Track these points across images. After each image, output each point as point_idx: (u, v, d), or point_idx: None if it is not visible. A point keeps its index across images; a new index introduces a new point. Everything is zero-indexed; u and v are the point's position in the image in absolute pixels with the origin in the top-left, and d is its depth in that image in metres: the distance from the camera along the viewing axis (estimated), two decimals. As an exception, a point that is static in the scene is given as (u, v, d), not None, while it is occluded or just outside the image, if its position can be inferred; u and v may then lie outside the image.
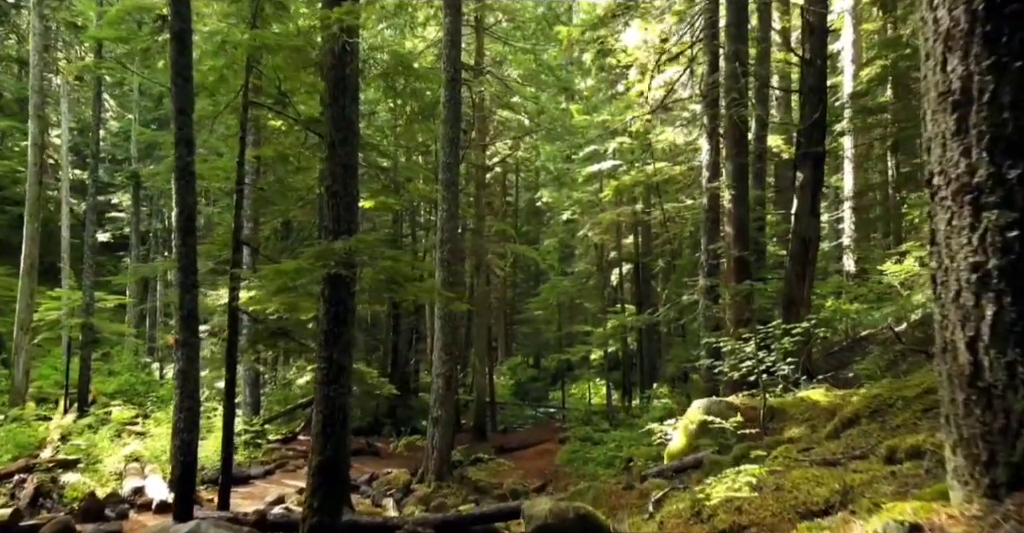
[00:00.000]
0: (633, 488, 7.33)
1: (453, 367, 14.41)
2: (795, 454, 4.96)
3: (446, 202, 14.33)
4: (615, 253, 26.90)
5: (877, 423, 5.18)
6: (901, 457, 3.38)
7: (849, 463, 3.94)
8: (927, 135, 2.59)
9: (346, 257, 6.42)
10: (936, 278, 2.57)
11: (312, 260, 6.36)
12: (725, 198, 12.58)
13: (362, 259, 6.46)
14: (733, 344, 8.61)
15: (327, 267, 6.41)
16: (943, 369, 2.55)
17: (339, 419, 6.67)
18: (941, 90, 2.45)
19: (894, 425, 4.90)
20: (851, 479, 3.27)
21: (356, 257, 6.40)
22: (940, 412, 2.71)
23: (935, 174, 2.54)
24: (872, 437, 4.77)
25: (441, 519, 8.13)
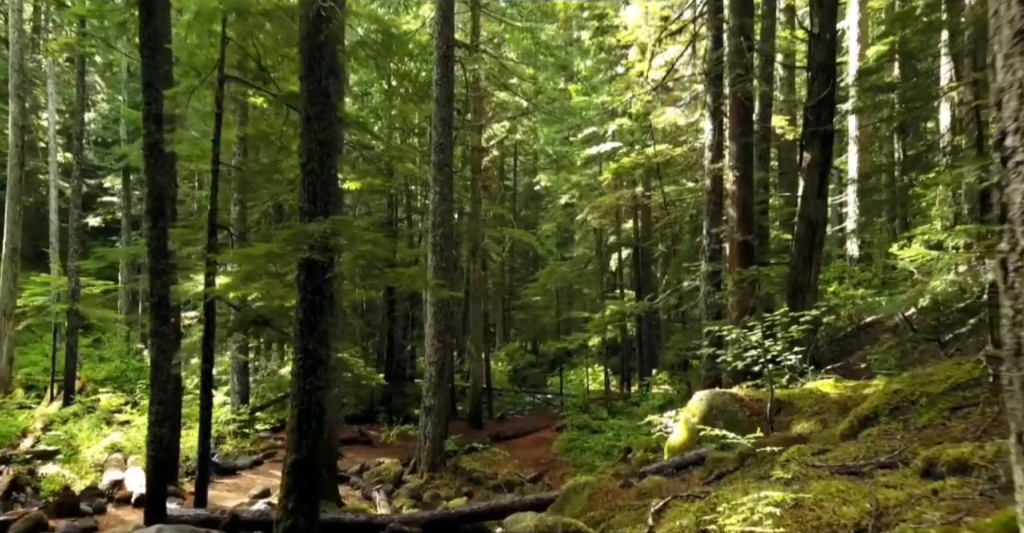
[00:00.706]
0: (631, 486, 6.89)
1: (446, 355, 13.97)
2: (809, 457, 4.49)
3: (439, 184, 13.82)
4: (614, 238, 26.39)
5: (899, 422, 4.71)
6: (942, 471, 2.92)
7: (876, 473, 3.48)
8: (996, 86, 2.08)
9: (321, 240, 5.93)
10: (1008, 264, 2.07)
11: (284, 244, 5.87)
12: (728, 179, 12.06)
13: (340, 243, 5.96)
14: (737, 332, 8.13)
15: (301, 251, 5.92)
16: (1015, 376, 2.05)
17: (316, 414, 6.21)
18: (1018, 27, 1.95)
19: (919, 425, 4.44)
20: (884, 497, 2.81)
21: (332, 240, 5.91)
22: (1005, 422, 2.22)
23: (1008, 133, 2.04)
24: (896, 439, 4.31)
25: (428, 517, 7.71)
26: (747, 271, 7.33)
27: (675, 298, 15.51)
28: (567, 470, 15.47)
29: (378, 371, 26.43)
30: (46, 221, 24.88)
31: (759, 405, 7.86)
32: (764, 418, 7.62)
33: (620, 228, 25.93)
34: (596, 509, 6.45)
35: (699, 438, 7.97)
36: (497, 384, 28.61)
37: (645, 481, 6.93)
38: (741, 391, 8.21)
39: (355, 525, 7.58)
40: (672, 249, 22.58)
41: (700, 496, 4.16)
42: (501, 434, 18.97)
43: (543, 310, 30.07)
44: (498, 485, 13.68)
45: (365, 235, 6.30)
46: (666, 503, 4.19)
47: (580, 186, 25.12)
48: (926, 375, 5.13)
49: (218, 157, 8.55)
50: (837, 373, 8.95)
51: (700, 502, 3.92)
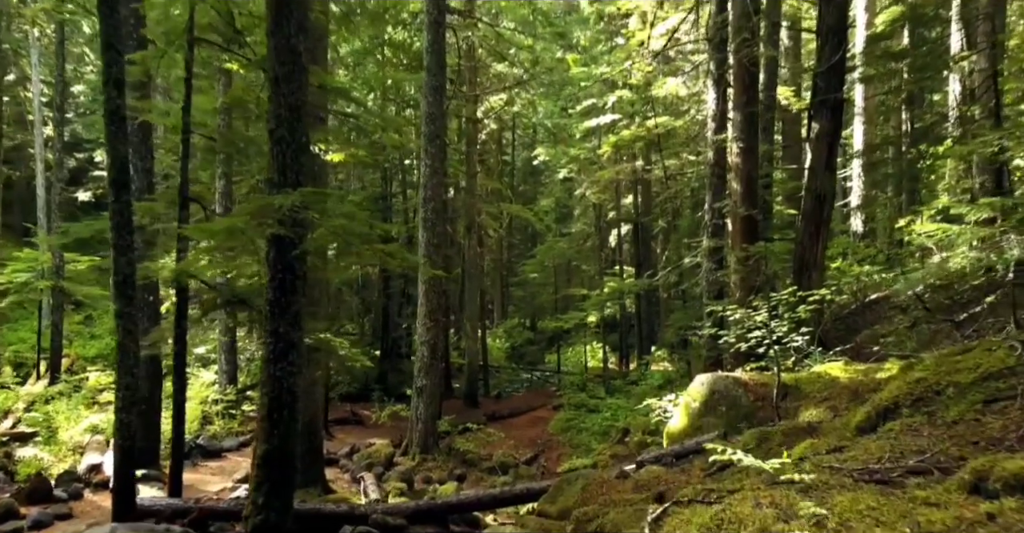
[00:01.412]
0: (627, 477, 6.47)
1: (438, 334, 13.53)
2: (825, 455, 4.02)
3: (430, 156, 13.26)
4: (614, 213, 25.84)
5: (923, 415, 4.25)
6: (996, 488, 2.44)
7: (907, 481, 3.01)
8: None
9: (289, 214, 5.42)
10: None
11: (246, 218, 5.36)
12: (732, 151, 11.51)
13: (310, 217, 5.44)
14: (741, 313, 7.66)
15: (267, 226, 5.41)
16: None
17: (288, 402, 5.75)
18: None
19: (948, 420, 3.97)
20: (927, 520, 2.35)
21: (302, 214, 5.39)
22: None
23: None
24: (923, 437, 3.84)
25: (414, 508, 7.30)
26: (753, 248, 6.83)
27: (675, 275, 15.03)
28: (563, 451, 15.13)
29: (374, 349, 26.19)
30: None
31: (764, 389, 7.42)
32: (769, 403, 7.18)
33: (620, 203, 25.37)
34: (589, 503, 6.01)
35: (700, 424, 7.55)
36: (494, 361, 28.26)
37: (642, 472, 6.51)
38: (745, 374, 7.76)
39: (336, 515, 7.17)
40: (672, 225, 22.06)
41: (704, 500, 3.70)
42: (497, 413, 18.60)
43: (541, 287, 29.61)
44: (492, 467, 13.32)
45: (339, 208, 5.78)
46: (664, 510, 3.73)
47: (579, 160, 24.49)
48: (952, 362, 4.65)
49: (188, 126, 7.99)
50: (845, 355, 8.47)
51: (704, 509, 3.46)
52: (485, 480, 12.75)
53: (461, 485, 12.42)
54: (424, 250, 13.25)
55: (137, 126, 10.76)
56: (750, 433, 6.06)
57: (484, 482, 12.65)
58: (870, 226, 23.02)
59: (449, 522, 7.38)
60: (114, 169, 7.04)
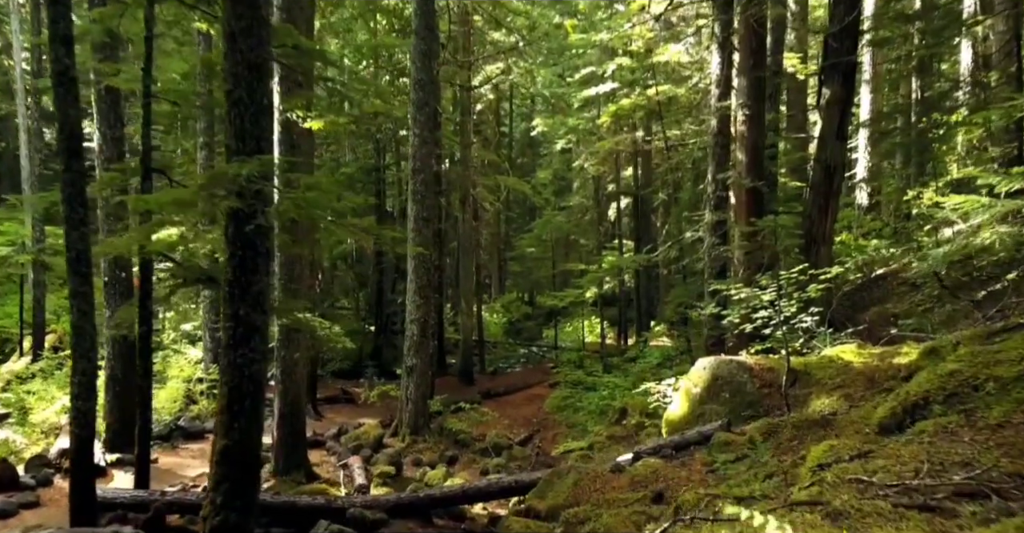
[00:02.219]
0: (623, 471, 5.97)
1: (429, 312, 13.00)
2: (848, 463, 3.49)
3: (418, 125, 12.60)
4: (613, 186, 25.16)
5: (959, 415, 3.71)
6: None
7: (960, 509, 2.49)
8: None
9: (246, 185, 4.84)
10: None
11: (196, 190, 4.78)
12: (737, 119, 10.85)
13: (270, 188, 4.85)
14: (747, 291, 7.10)
15: (222, 198, 4.84)
16: None
17: (250, 392, 5.23)
18: None
19: (991, 422, 3.44)
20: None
21: (259, 185, 4.81)
22: None
23: None
24: (963, 442, 3.31)
25: (395, 501, 6.83)
26: (761, 222, 6.25)
27: (676, 251, 14.45)
28: (559, 431, 14.69)
29: (368, 324, 25.72)
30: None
31: (771, 375, 6.90)
32: (777, 390, 6.67)
33: (619, 176, 24.68)
34: (581, 501, 5.52)
35: (701, 411, 7.04)
36: (492, 336, 27.81)
37: (639, 465, 6.01)
38: (750, 359, 7.23)
39: (312, 509, 6.71)
40: (673, 197, 21.41)
41: (708, 519, 3.17)
42: (492, 391, 18.15)
43: (538, 262, 29.03)
44: (485, 448, 12.88)
45: (305, 179, 5.19)
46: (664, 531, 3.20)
47: (577, 130, 23.76)
48: (990, 352, 4.10)
49: (149, 90, 7.35)
50: (858, 336, 7.93)
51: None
52: (477, 462, 12.32)
53: (452, 468, 12.01)
54: (414, 224, 12.67)
55: (104, 91, 10.13)
56: (756, 425, 5.55)
57: (476, 464, 12.22)
58: (876, 199, 22.41)
59: (432, 515, 6.93)
60: (63, 136, 6.43)
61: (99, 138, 10.28)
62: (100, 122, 10.27)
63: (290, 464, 9.77)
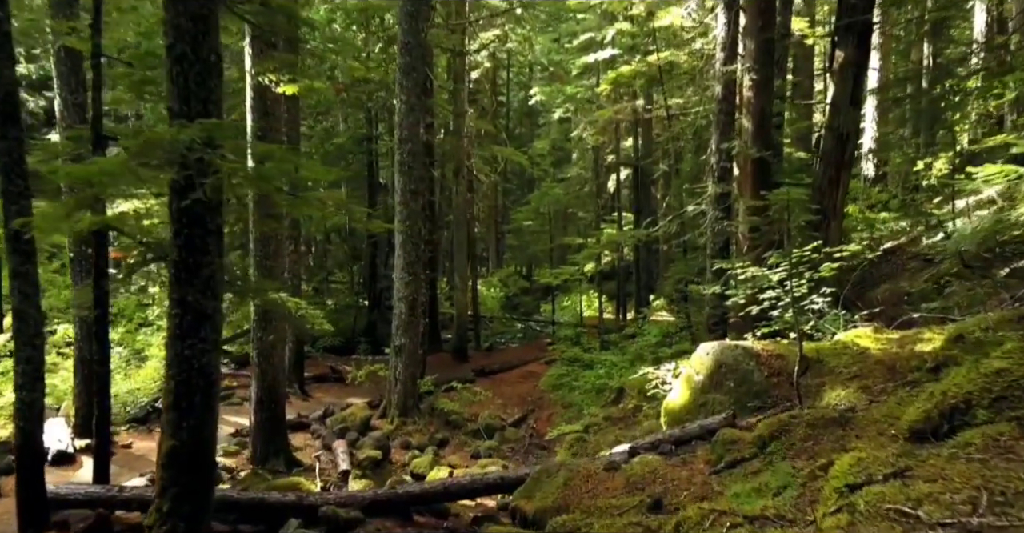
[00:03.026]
0: (618, 469, 5.44)
1: (418, 289, 12.43)
2: (883, 485, 2.93)
3: (405, 92, 11.89)
4: (612, 157, 24.41)
5: (1012, 424, 3.16)
6: None
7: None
8: None
9: (187, 155, 4.22)
10: None
11: (126, 161, 4.17)
12: (744, 84, 10.16)
13: (216, 159, 4.23)
14: (755, 270, 6.51)
15: (158, 169, 4.23)
16: None
17: (201, 386, 4.67)
18: None
19: (1055, 437, 2.87)
20: None
21: (204, 154, 4.19)
22: None
23: None
24: (1022, 460, 2.75)
25: (371, 497, 6.32)
26: (773, 195, 5.64)
27: (676, 225, 13.82)
28: (554, 410, 14.23)
29: (362, 298, 25.17)
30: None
31: (780, 362, 6.34)
32: (786, 379, 6.11)
33: (619, 146, 23.94)
34: (572, 504, 5.00)
35: (704, 401, 6.50)
36: (488, 311, 27.32)
37: (635, 462, 5.48)
38: (757, 344, 6.66)
39: (282, 506, 6.21)
40: (674, 169, 20.69)
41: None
42: (487, 368, 17.67)
43: (535, 235, 28.37)
44: (477, 430, 12.42)
45: (258, 148, 4.57)
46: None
47: (576, 99, 22.95)
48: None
49: (99, 49, 6.66)
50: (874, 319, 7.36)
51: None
52: (469, 445, 11.87)
53: (442, 451, 11.55)
54: (401, 196, 12.04)
55: (63, 52, 9.42)
56: (766, 422, 5.00)
57: (467, 447, 11.76)
58: (883, 170, 21.71)
59: (413, 512, 6.43)
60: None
61: (60, 104, 9.61)
62: (60, 87, 9.59)
63: (269, 451, 9.29)
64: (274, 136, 9.10)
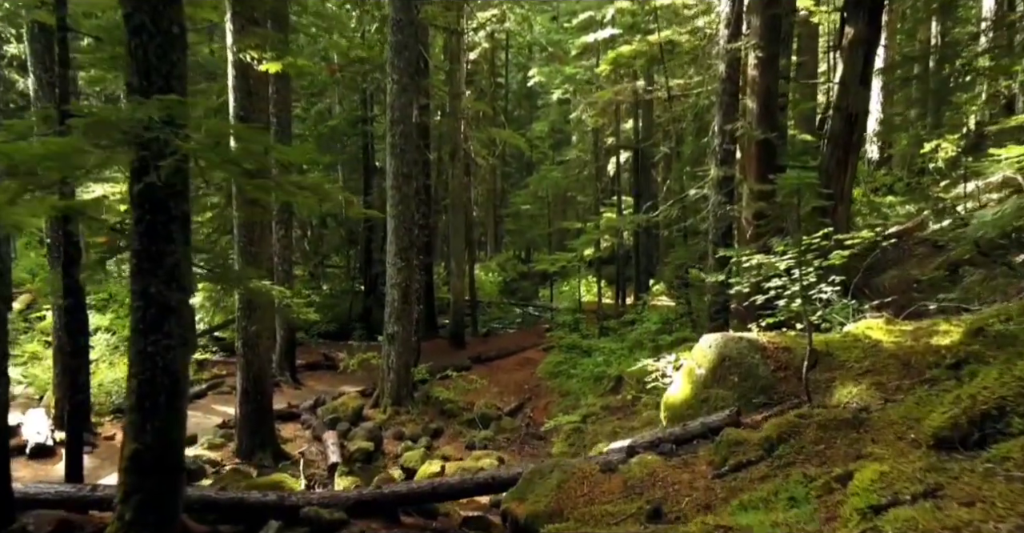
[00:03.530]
0: (615, 470, 5.13)
1: (411, 276, 12.08)
2: (916, 508, 2.60)
3: (397, 71, 11.46)
4: (612, 139, 23.95)
5: (1054, 435, 2.81)
6: None
7: None
8: None
9: (145, 134, 3.85)
10: None
11: (78, 138, 3.80)
12: (749, 63, 9.75)
13: (175, 139, 3.86)
14: (760, 258, 6.15)
15: (106, 149, 3.87)
16: None
17: (166, 385, 4.34)
18: None
19: (1107, 453, 2.53)
20: None
21: (161, 134, 3.83)
22: None
23: None
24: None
25: (356, 497, 6.02)
26: (782, 179, 5.27)
27: (678, 209, 13.44)
28: (551, 399, 13.95)
29: (359, 282, 24.80)
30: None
31: (786, 355, 6.00)
32: (794, 374, 5.79)
33: (619, 128, 23.47)
34: (566, 509, 4.68)
35: (706, 396, 6.18)
36: (486, 296, 27.00)
37: (634, 463, 5.16)
38: (763, 336, 6.32)
39: (262, 506, 5.91)
40: (675, 151, 20.25)
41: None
42: (483, 355, 17.38)
43: (533, 219, 27.94)
44: (472, 419, 12.14)
45: (221, 126, 4.21)
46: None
47: (575, 80, 22.46)
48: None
49: (64, 22, 6.27)
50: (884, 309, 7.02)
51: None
52: (463, 435, 11.59)
53: (436, 441, 11.28)
54: (393, 180, 11.66)
55: (37, 28, 9.00)
56: (774, 423, 4.67)
57: (462, 437, 11.49)
58: (888, 152, 21.29)
59: (400, 513, 6.13)
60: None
61: (34, 83, 9.22)
62: (35, 65, 9.18)
63: (255, 444, 9.00)
64: (258, 117, 8.72)
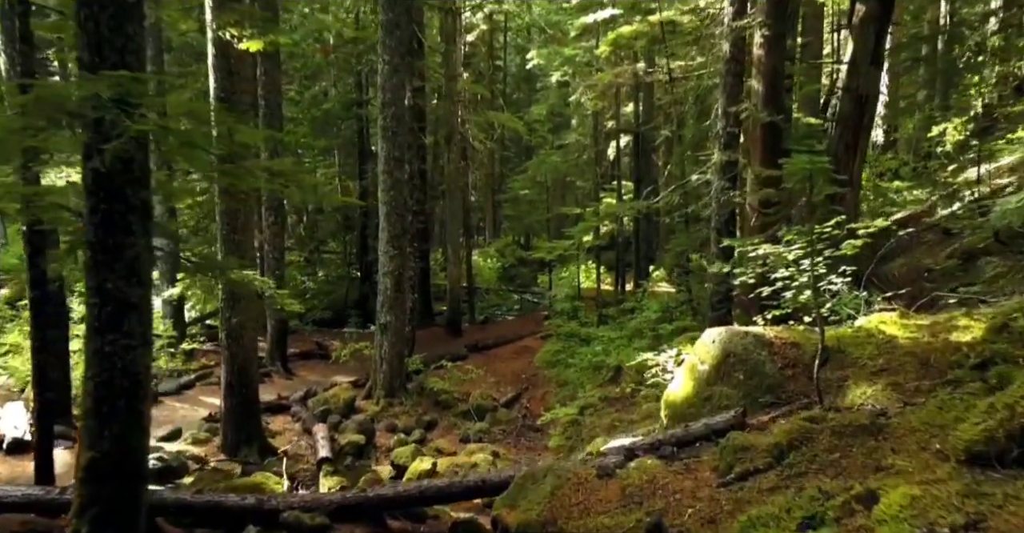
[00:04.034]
0: (612, 476, 4.80)
1: (404, 263, 11.72)
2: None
3: (388, 51, 11.03)
4: (612, 123, 23.48)
5: (1110, 456, 2.47)
6: None
7: None
8: None
9: (92, 113, 3.48)
10: None
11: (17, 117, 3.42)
12: (755, 42, 9.32)
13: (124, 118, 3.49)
14: (769, 247, 5.79)
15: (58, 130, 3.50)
16: None
17: (124, 389, 4.00)
18: None
19: None
20: None
21: (108, 113, 3.45)
22: None
23: None
24: None
25: (339, 501, 5.70)
26: (792, 163, 4.89)
27: (679, 195, 13.05)
28: (549, 389, 13.65)
29: (355, 269, 24.44)
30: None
31: (795, 352, 5.65)
32: (803, 372, 5.45)
33: (619, 112, 22.99)
34: (559, 520, 4.37)
35: (709, 394, 5.84)
36: (485, 282, 26.67)
37: (632, 468, 4.83)
38: (769, 330, 5.97)
39: (240, 510, 5.60)
40: (676, 135, 19.81)
41: None
42: (480, 343, 17.06)
43: (531, 205, 27.49)
44: (467, 411, 11.85)
45: (180, 106, 3.83)
46: None
47: (574, 62, 21.94)
48: None
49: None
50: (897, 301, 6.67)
51: None
52: (458, 427, 11.30)
53: (429, 434, 11.00)
54: (384, 165, 11.26)
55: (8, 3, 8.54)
56: (783, 429, 4.33)
57: (457, 430, 11.20)
58: (893, 136, 20.87)
59: (386, 516, 5.81)
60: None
61: (5, 63, 8.77)
62: (5, 43, 8.73)
63: (240, 438, 8.69)
64: (241, 98, 8.32)
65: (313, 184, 4.72)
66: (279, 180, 4.40)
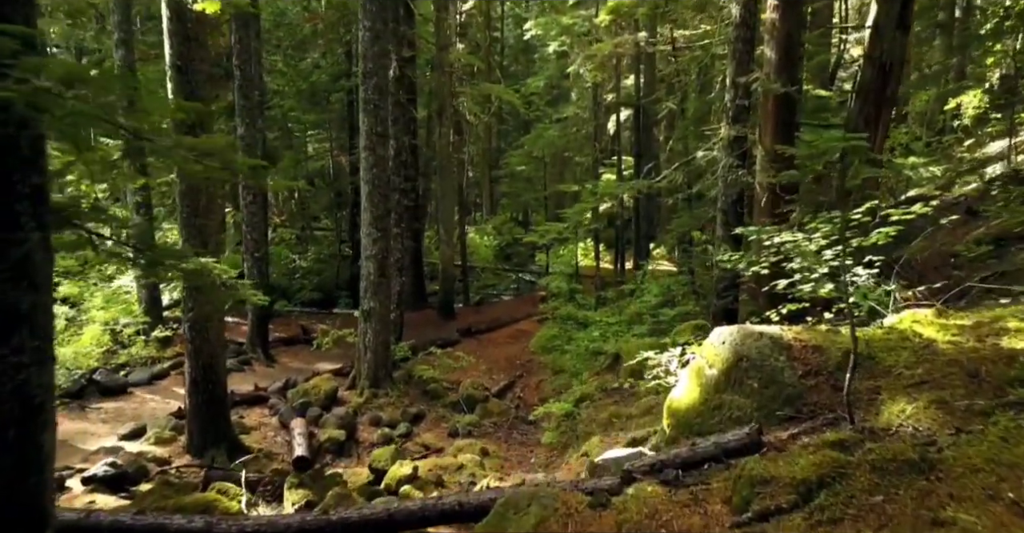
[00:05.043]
0: (607, 507, 4.12)
1: (388, 246, 10.99)
2: None
3: (369, 16, 10.18)
4: (612, 96, 22.57)
5: None
6: None
7: None
8: None
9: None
10: None
11: None
12: (769, 4, 8.49)
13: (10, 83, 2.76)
14: (788, 235, 5.04)
15: None
16: None
17: (15, 416, 3.28)
18: None
19: None
20: None
21: None
22: None
23: None
24: None
25: (297, 526, 5.03)
26: (823, 138, 4.14)
27: (683, 173, 12.26)
28: (544, 377, 13.02)
29: (347, 246, 23.69)
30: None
31: (817, 357, 4.94)
32: (826, 381, 4.74)
33: (619, 84, 22.07)
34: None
35: (719, 403, 5.14)
36: (480, 261, 25.98)
37: (630, 496, 4.15)
38: (788, 331, 5.24)
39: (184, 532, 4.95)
40: (679, 108, 18.91)
41: None
42: (473, 327, 16.42)
43: (528, 182, 26.67)
44: (457, 402, 11.22)
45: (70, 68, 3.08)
46: None
47: (572, 31, 20.96)
48: None
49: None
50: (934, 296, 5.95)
51: None
52: (447, 419, 10.67)
53: (416, 427, 10.37)
54: (366, 140, 10.49)
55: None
56: (811, 460, 3.63)
57: (445, 423, 10.57)
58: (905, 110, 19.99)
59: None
60: None
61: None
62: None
63: (207, 439, 8.04)
64: (199, 66, 7.51)
65: (250, 165, 3.97)
66: (209, 161, 3.67)
